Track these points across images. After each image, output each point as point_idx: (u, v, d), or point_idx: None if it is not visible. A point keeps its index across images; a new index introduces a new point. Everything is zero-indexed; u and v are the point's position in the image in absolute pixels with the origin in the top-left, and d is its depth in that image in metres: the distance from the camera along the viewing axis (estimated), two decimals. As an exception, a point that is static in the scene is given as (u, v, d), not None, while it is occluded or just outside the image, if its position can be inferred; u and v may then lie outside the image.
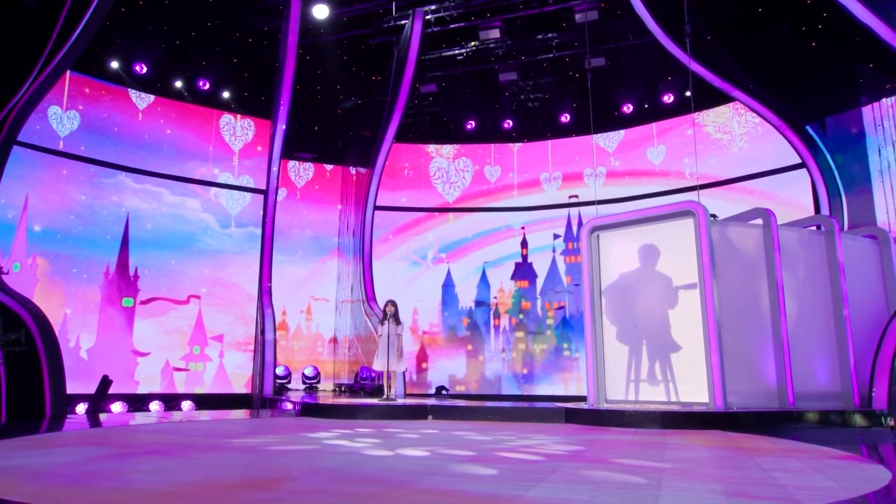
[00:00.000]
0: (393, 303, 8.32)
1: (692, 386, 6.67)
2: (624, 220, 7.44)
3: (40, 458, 3.48)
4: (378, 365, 8.18)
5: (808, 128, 9.75)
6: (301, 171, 13.99)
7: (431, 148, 14.10)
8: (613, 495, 2.52)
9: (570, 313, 12.95)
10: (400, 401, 8.13)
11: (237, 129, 12.83)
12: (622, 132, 13.00)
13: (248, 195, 12.75)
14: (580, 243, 7.72)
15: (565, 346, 12.82)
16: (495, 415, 6.96)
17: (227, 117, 12.81)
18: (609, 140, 13.10)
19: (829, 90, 9.43)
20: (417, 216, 13.79)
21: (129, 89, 11.56)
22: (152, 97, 11.82)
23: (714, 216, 6.86)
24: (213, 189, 12.44)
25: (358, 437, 4.88)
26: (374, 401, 7.97)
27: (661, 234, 7.14)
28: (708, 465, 3.53)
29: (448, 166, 13.94)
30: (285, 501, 2.35)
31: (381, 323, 8.25)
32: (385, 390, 8.19)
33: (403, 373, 11.91)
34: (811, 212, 9.65)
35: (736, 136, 11.44)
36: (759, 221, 7.08)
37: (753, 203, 9.61)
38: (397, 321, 8.18)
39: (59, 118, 10.63)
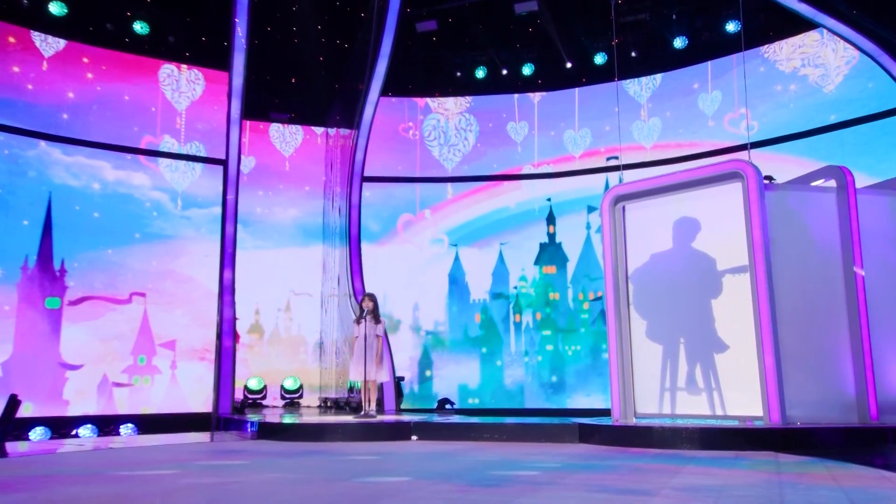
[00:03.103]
0: (371, 297, 8.30)
1: (743, 395, 6.59)
2: (654, 186, 7.33)
3: None
4: (354, 374, 8.19)
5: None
6: (287, 137, 14.14)
7: (431, 101, 14.06)
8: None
9: None
10: (381, 417, 8.18)
11: (181, 84, 12.84)
12: (662, 76, 12.82)
13: (208, 168, 12.85)
14: (602, 217, 7.64)
15: (604, 346, 12.55)
16: (494, 433, 7.00)
17: (168, 67, 12.79)
18: (642, 87, 12.89)
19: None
20: (427, 189, 13.82)
21: (38, 32, 11.53)
22: (63, 42, 11.72)
23: (770, 178, 6.76)
24: (166, 161, 12.52)
25: (283, 468, 4.83)
26: (348, 418, 8.02)
27: (702, 204, 7.04)
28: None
29: (447, 124, 13.87)
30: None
31: (357, 322, 8.23)
32: (363, 405, 8.18)
33: (399, 383, 11.99)
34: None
35: (818, 76, 11.04)
36: (831, 183, 6.85)
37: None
38: (377, 319, 8.16)
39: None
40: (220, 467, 4.94)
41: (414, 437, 7.17)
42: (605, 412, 10.83)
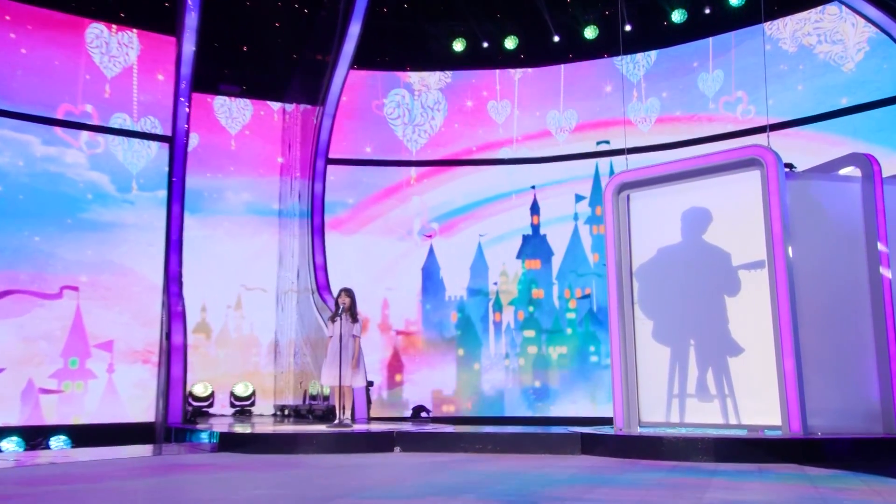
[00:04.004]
0: (348, 292, 8.21)
1: (760, 402, 6.60)
2: (663, 174, 7.31)
3: None
4: (327, 378, 8.16)
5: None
6: (234, 112, 13.91)
7: (402, 76, 13.97)
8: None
9: (600, 304, 12.98)
10: (357, 427, 8.16)
11: (112, 47, 12.40)
12: (659, 52, 12.93)
13: (155, 146, 12.55)
14: (604, 206, 7.66)
15: (592, 349, 12.94)
16: (486, 444, 7.02)
17: (96, 27, 12.30)
18: (637, 66, 13.01)
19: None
20: (396, 174, 13.76)
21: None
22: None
23: (790, 166, 6.80)
24: (109, 137, 12.14)
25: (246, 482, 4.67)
26: (322, 428, 7.96)
27: (715, 194, 7.06)
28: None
29: (412, 102, 13.82)
30: None
31: (332, 320, 8.18)
32: (337, 413, 8.12)
33: (368, 389, 11.92)
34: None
35: (835, 54, 11.23)
36: (856, 172, 6.92)
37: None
38: (354, 318, 8.11)
39: None
40: (187, 482, 4.77)
41: (397, 449, 7.15)
42: (595, 420, 11.10)
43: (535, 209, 13.50)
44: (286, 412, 12.67)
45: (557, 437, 6.93)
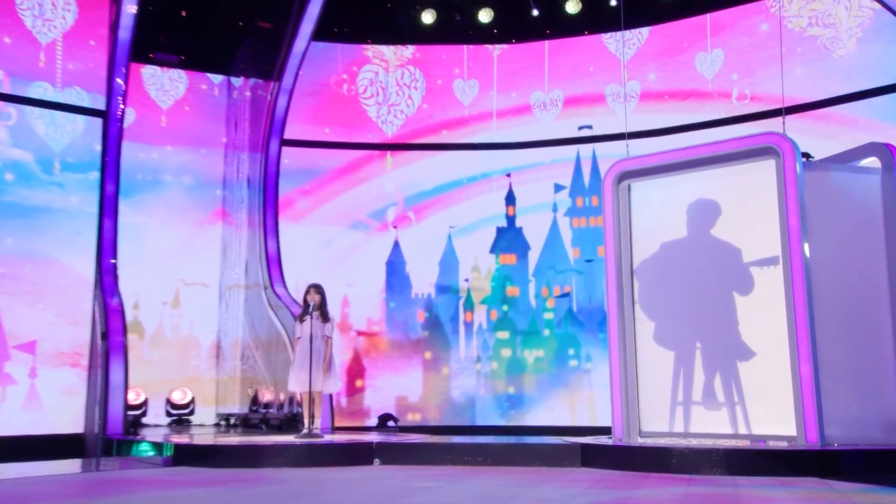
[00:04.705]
0: (317, 288, 8.27)
1: (771, 410, 6.71)
2: (668, 162, 7.36)
3: None
4: (296, 384, 8.15)
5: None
6: (166, 85, 13.59)
7: (367, 50, 13.81)
8: None
9: (580, 303, 13.00)
10: (329, 437, 8.19)
11: (45, 10, 11.92)
12: (650, 30, 12.93)
13: (82, 120, 12.12)
14: (603, 197, 7.73)
15: (571, 352, 12.93)
16: (476, 456, 7.05)
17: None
18: (629, 42, 13.01)
19: None
20: (360, 157, 13.63)
21: None
22: None
23: (807, 156, 6.89)
24: (28, 110, 11.66)
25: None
26: (291, 438, 7.97)
27: (725, 184, 7.17)
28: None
29: (387, 78, 13.75)
30: None
31: (301, 320, 8.20)
32: (306, 422, 8.12)
33: (330, 396, 11.83)
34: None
35: (843, 32, 11.30)
36: (875, 163, 7.05)
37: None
38: (325, 317, 8.17)
39: None
40: (147, 502, 4.52)
41: (377, 462, 7.17)
42: (585, 430, 11.26)
43: (510, 199, 13.46)
44: (232, 421, 12.50)
45: (555, 449, 6.99)
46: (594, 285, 12.75)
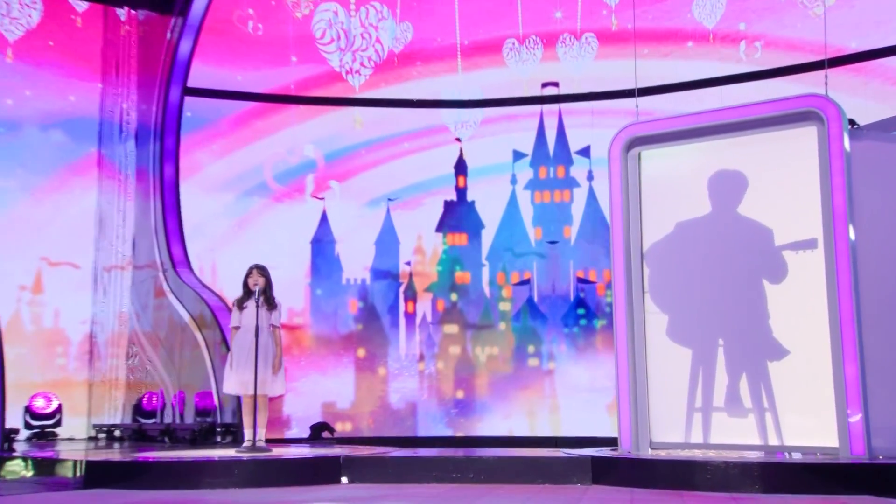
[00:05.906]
0: (261, 270, 7.97)
1: (807, 418, 6.62)
2: (688, 126, 7.18)
3: None
4: (236, 385, 7.81)
5: None
6: (15, 11, 12.38)
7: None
8: None
9: (542, 292, 12.57)
10: (278, 451, 7.93)
11: None
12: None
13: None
14: (610, 167, 7.40)
15: (532, 349, 12.43)
16: (467, 472, 6.98)
17: None
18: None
19: None
20: (277, 111, 12.98)
21: None
22: None
23: (853, 123, 6.61)
24: None
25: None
26: (232, 453, 7.76)
27: (753, 154, 6.98)
28: None
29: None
30: None
31: (240, 307, 7.87)
32: (247, 433, 7.82)
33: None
34: None
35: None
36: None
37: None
38: (271, 303, 7.93)
39: None
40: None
41: (344, 480, 7.02)
42: (549, 441, 11.23)
43: (460, 168, 12.77)
44: (112, 433, 12.06)
45: (561, 463, 6.98)
46: (559, 271, 12.46)
